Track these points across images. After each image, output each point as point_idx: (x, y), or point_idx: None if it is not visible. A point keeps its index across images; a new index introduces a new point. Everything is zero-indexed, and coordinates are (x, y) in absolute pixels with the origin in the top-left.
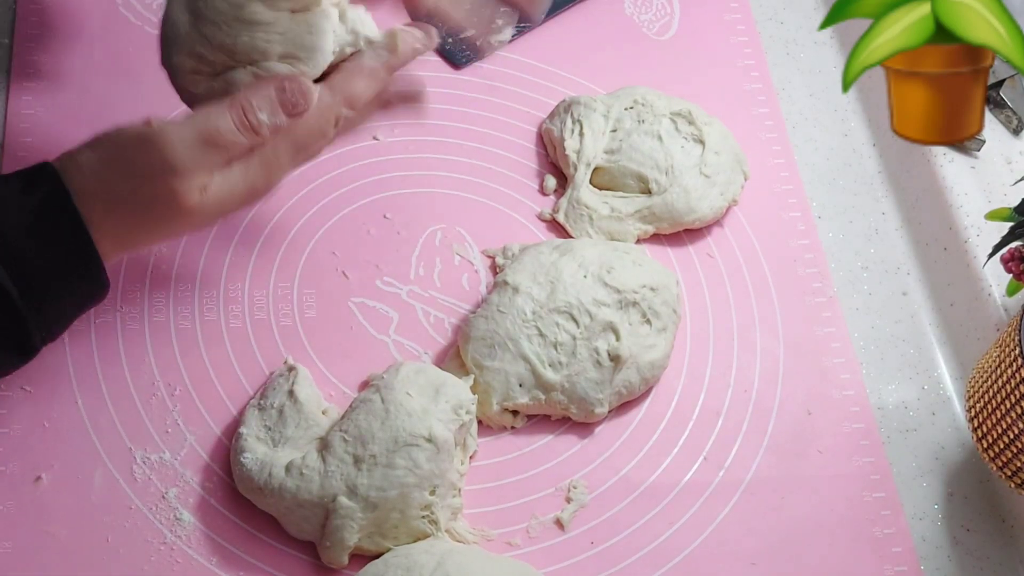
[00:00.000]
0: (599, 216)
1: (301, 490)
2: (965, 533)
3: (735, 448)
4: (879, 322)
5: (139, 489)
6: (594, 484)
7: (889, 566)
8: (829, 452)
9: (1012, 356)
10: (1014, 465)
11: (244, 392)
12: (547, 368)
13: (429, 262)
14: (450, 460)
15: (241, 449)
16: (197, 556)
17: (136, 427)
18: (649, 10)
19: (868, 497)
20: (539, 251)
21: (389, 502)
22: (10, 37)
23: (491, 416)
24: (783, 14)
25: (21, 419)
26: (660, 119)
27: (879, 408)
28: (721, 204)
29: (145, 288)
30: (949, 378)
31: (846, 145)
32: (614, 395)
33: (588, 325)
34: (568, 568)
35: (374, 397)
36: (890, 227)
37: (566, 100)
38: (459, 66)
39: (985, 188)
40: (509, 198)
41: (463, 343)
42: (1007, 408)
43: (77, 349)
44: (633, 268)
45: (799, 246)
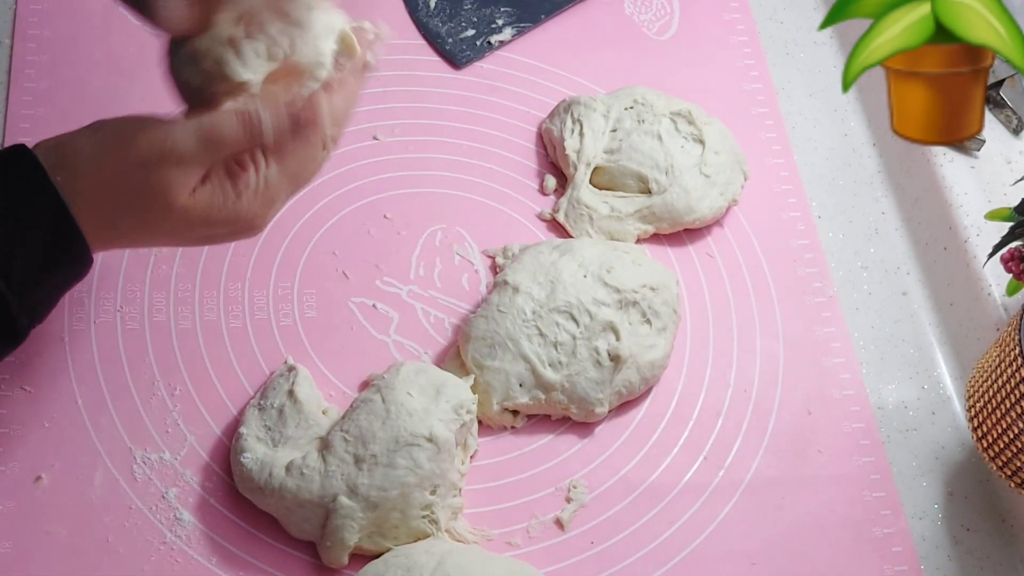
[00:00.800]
0: (599, 216)
1: (301, 490)
2: (965, 533)
3: (735, 448)
4: (879, 322)
5: (139, 489)
6: (594, 484)
7: (889, 566)
8: (829, 452)
9: (1012, 356)
10: (1014, 465)
11: (244, 392)
12: (547, 368)
13: (429, 262)
14: (451, 460)
15: (241, 449)
16: (197, 556)
17: (136, 427)
18: (649, 10)
19: (868, 497)
20: (539, 251)
21: (390, 502)
22: (10, 37)
23: (491, 416)
24: (783, 14)
25: (21, 419)
26: (660, 119)
27: (879, 408)
28: (721, 204)
29: (145, 288)
30: (949, 378)
31: (846, 145)
32: (614, 395)
33: (588, 325)
34: (568, 568)
35: (375, 397)
36: (890, 227)
37: (566, 100)
38: (459, 66)
39: (985, 188)
40: (509, 198)
41: (463, 343)
42: (1007, 408)
43: (77, 349)
44: (633, 268)
45: (799, 246)
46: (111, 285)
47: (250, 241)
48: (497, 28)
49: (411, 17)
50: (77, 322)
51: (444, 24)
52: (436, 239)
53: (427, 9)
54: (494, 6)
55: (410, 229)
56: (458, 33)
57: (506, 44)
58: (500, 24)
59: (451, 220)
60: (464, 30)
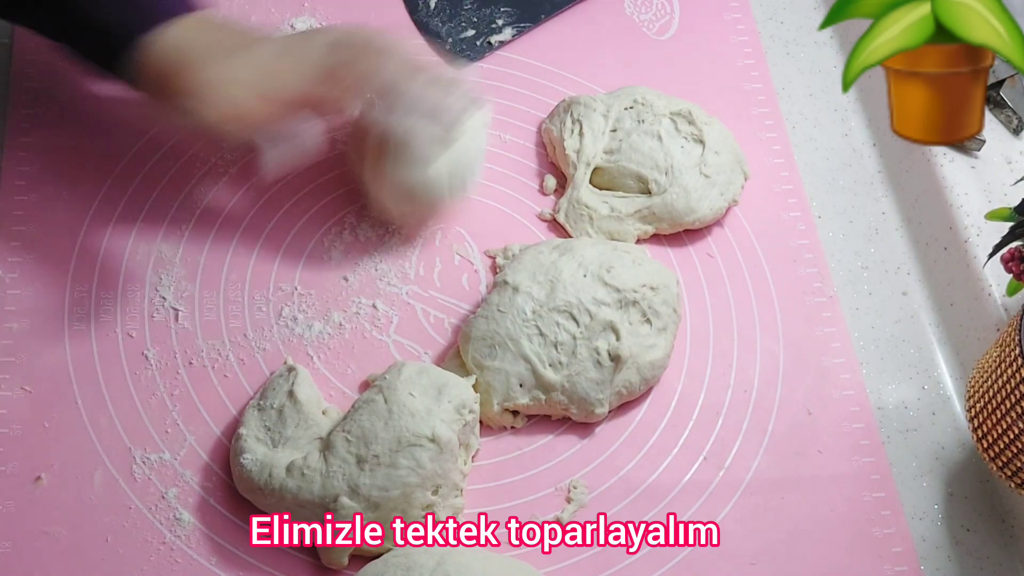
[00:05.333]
0: (599, 216)
1: (302, 490)
2: (965, 533)
3: (735, 448)
4: (879, 322)
5: (139, 489)
6: (594, 484)
7: (889, 566)
8: (829, 452)
9: (1012, 356)
10: (1014, 465)
11: (244, 392)
12: (547, 368)
13: (429, 262)
14: (453, 460)
15: (241, 450)
16: (197, 556)
17: (136, 427)
18: (649, 10)
19: (868, 497)
20: (539, 251)
21: (391, 502)
22: (10, 37)
23: (492, 416)
24: (783, 14)
25: (21, 419)
26: (660, 119)
27: (879, 408)
28: (721, 204)
29: (145, 288)
30: (949, 378)
31: (846, 145)
32: (614, 395)
33: (588, 324)
34: (568, 568)
35: (377, 398)
36: (890, 227)
37: (566, 100)
38: (459, 66)
39: (985, 188)
40: (509, 198)
41: (463, 343)
42: (1007, 408)
43: (77, 349)
44: (633, 267)
45: (799, 246)
46: (111, 285)
47: (250, 241)
48: (497, 28)
49: (411, 17)
50: (77, 322)
51: (444, 24)
52: (436, 239)
53: (427, 9)
54: (494, 6)
55: (410, 229)
56: (458, 33)
57: (506, 44)
58: (500, 24)
59: (451, 220)
60: (464, 30)
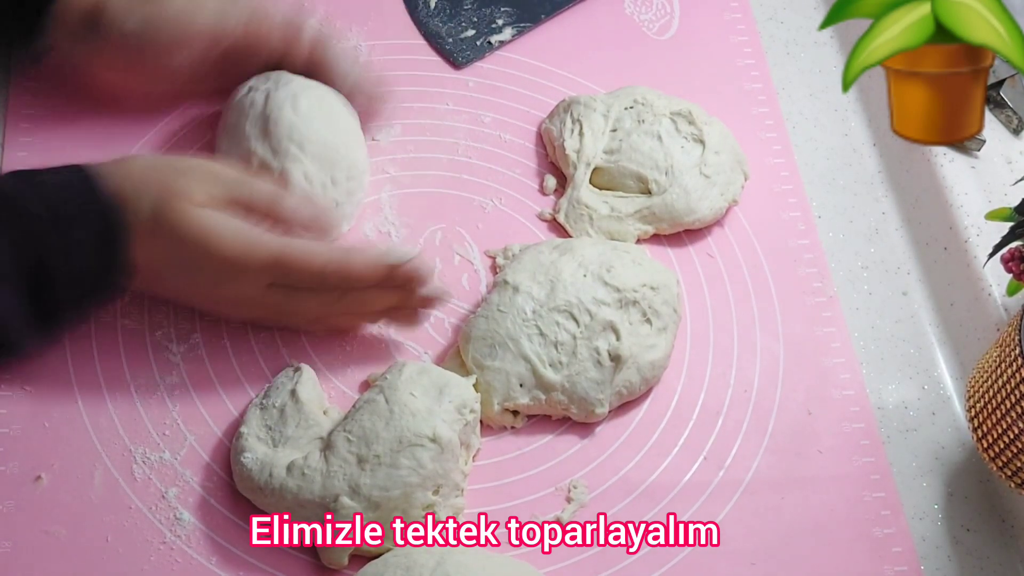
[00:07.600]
0: (599, 216)
1: (303, 490)
2: (965, 533)
3: (735, 448)
4: (879, 322)
5: (139, 489)
6: (594, 484)
7: (889, 566)
8: (829, 452)
9: (1012, 356)
10: (1014, 465)
11: (244, 392)
12: (547, 368)
13: (429, 262)
14: (455, 460)
15: (241, 449)
16: (197, 556)
17: (136, 427)
18: (649, 10)
19: (868, 497)
20: (539, 250)
21: (391, 502)
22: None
23: (492, 416)
24: (783, 14)
25: (21, 419)
26: (660, 119)
27: (879, 408)
28: (721, 204)
29: None
30: (949, 378)
31: (846, 145)
32: (614, 395)
33: (588, 324)
34: (568, 568)
35: (378, 398)
36: (890, 227)
37: (566, 100)
38: (459, 66)
39: (985, 188)
40: (509, 198)
41: (463, 343)
42: (1007, 408)
43: (77, 349)
44: (633, 267)
45: (799, 246)
46: None
47: None
48: (497, 28)
49: (411, 17)
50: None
51: (444, 24)
52: (436, 239)
53: (427, 9)
54: (494, 6)
55: (410, 229)
56: (458, 33)
57: (506, 44)
58: (500, 24)
59: (451, 220)
60: (464, 30)
